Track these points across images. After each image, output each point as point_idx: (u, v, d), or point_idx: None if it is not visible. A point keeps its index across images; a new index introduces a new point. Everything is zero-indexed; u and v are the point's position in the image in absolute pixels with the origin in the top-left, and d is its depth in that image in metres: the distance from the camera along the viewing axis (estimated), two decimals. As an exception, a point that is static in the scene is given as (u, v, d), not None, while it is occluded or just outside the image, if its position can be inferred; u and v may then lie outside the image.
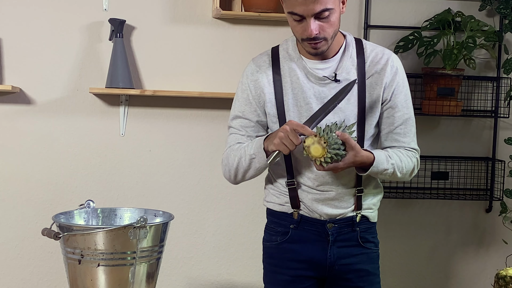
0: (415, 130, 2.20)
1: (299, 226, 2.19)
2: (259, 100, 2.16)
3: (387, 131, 2.17)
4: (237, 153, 2.15)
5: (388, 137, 2.17)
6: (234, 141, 2.20)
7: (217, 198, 3.29)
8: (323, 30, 2.01)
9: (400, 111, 2.14)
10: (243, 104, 2.19)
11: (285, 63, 2.15)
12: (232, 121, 2.21)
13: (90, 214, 2.39)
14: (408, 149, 2.17)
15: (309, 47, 2.05)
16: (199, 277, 3.31)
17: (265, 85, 2.15)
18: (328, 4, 1.97)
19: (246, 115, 2.18)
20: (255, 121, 2.18)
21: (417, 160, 2.19)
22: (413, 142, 2.19)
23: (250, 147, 2.12)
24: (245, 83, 2.19)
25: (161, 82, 3.19)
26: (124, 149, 3.20)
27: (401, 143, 2.16)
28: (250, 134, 2.19)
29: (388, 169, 2.09)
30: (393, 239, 3.42)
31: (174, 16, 3.18)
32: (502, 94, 3.38)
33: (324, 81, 2.11)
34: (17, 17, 3.08)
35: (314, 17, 1.98)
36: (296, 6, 1.98)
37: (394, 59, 2.15)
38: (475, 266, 3.51)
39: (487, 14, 3.38)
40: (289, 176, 2.17)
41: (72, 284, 2.18)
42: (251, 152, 2.10)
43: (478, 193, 3.44)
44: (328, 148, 1.94)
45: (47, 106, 3.13)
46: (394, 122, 2.15)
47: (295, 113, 2.12)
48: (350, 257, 2.19)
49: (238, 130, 2.19)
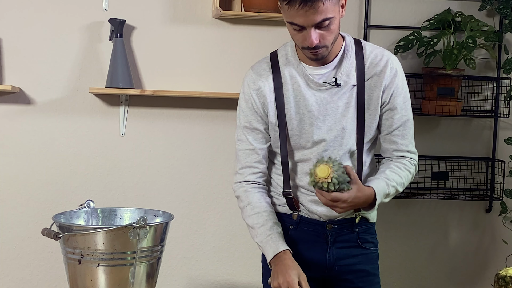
0: (413, 132, 2.19)
1: (298, 227, 2.19)
2: (263, 108, 2.14)
3: (385, 133, 2.16)
4: (252, 220, 2.13)
5: (386, 139, 2.17)
6: (245, 158, 2.18)
7: (217, 198, 3.29)
8: (324, 38, 2.00)
9: (399, 113, 2.13)
10: (248, 114, 2.16)
11: (285, 70, 2.13)
12: (240, 134, 2.19)
13: (90, 214, 2.39)
14: (406, 154, 2.16)
15: (310, 54, 2.04)
16: (199, 277, 3.32)
17: (267, 93, 2.13)
18: (328, 13, 1.94)
19: (253, 125, 2.16)
20: (263, 129, 2.16)
21: (415, 165, 2.19)
22: (411, 144, 2.18)
23: (260, 239, 2.10)
24: (247, 92, 2.16)
25: (161, 82, 3.19)
26: (124, 149, 3.20)
27: (399, 145, 2.16)
28: (260, 146, 2.17)
29: (390, 192, 2.09)
30: (393, 239, 3.42)
31: (174, 16, 3.18)
32: (502, 94, 3.38)
33: (324, 87, 2.10)
34: (17, 17, 3.08)
35: (314, 27, 1.96)
36: (296, 17, 1.95)
37: (394, 61, 2.14)
38: (475, 266, 3.51)
39: (487, 14, 3.38)
40: (285, 186, 2.16)
41: (72, 284, 2.18)
42: (257, 241, 2.11)
43: (478, 193, 3.44)
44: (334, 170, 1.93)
45: (47, 106, 3.13)
46: (392, 124, 2.14)
47: (297, 121, 2.11)
48: (349, 257, 2.19)
49: (248, 144, 2.17)
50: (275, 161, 2.21)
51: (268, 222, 2.11)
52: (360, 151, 2.13)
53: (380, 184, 2.07)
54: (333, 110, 2.10)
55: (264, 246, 2.09)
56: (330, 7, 1.94)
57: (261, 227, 2.11)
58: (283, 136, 2.13)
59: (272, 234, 2.09)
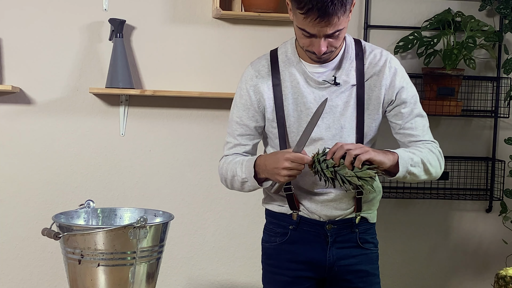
0: (428, 125, 2.17)
1: (298, 227, 2.19)
2: (258, 105, 2.16)
3: (398, 128, 2.15)
4: (231, 168, 2.15)
5: (400, 133, 2.15)
6: (228, 148, 2.21)
7: (217, 198, 3.29)
8: (331, 45, 2.02)
9: (407, 107, 2.13)
10: (241, 109, 2.18)
11: (285, 67, 2.14)
12: (230, 128, 2.21)
13: (90, 214, 2.39)
14: (424, 142, 2.13)
15: (314, 57, 2.06)
16: (199, 277, 3.32)
17: (264, 90, 2.14)
18: (341, 25, 1.97)
19: (243, 121, 2.18)
20: (252, 127, 2.18)
21: (439, 151, 2.14)
22: (427, 135, 2.15)
23: (242, 170, 2.11)
24: (244, 88, 2.18)
25: (161, 82, 3.19)
26: (124, 149, 3.20)
27: (414, 136, 2.13)
28: (246, 142, 2.19)
29: (414, 159, 2.02)
30: (393, 239, 3.42)
31: (174, 16, 3.18)
32: (502, 94, 3.38)
33: (324, 85, 2.11)
34: (17, 17, 3.08)
35: (325, 37, 1.98)
36: (309, 27, 1.96)
37: (392, 60, 2.15)
38: (475, 266, 3.51)
39: (487, 14, 3.38)
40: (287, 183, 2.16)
41: (72, 284, 2.18)
42: (242, 176, 2.11)
43: (478, 193, 3.44)
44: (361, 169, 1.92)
45: (47, 106, 3.13)
46: (402, 117, 2.13)
47: (295, 118, 2.12)
48: (349, 258, 2.19)
49: (234, 138, 2.20)
50: None
51: (244, 158, 2.14)
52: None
53: (400, 151, 2.02)
54: (331, 109, 2.10)
55: (244, 168, 2.09)
56: (343, 20, 1.96)
57: (238, 163, 2.12)
58: (282, 132, 2.14)
59: (249, 158, 2.12)
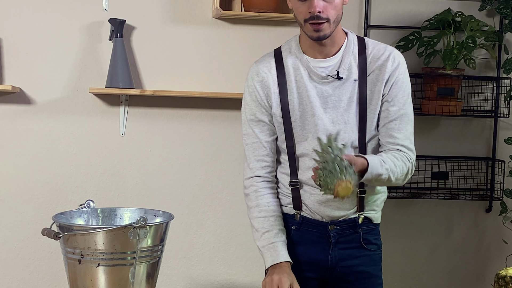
0: (412, 129, 2.14)
1: (300, 227, 2.19)
2: (267, 99, 2.15)
3: (382, 124, 2.12)
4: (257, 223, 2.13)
5: (382, 131, 2.13)
6: (252, 152, 2.17)
7: (217, 198, 3.29)
8: (327, 10, 2.02)
9: (396, 106, 2.10)
10: (253, 106, 2.16)
11: (289, 61, 2.14)
12: (246, 128, 2.19)
13: (90, 214, 2.39)
14: (402, 149, 2.10)
15: (312, 30, 2.04)
16: (199, 277, 3.31)
17: (270, 84, 2.14)
18: None
19: (258, 117, 2.16)
20: (268, 121, 2.16)
21: (412, 163, 2.11)
22: (408, 140, 2.12)
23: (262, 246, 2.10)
24: (251, 85, 2.17)
25: (161, 82, 3.19)
26: (124, 149, 3.20)
27: (395, 138, 2.10)
28: (266, 139, 2.16)
29: (383, 174, 2.01)
30: (393, 239, 3.41)
31: (174, 16, 3.18)
32: (502, 94, 3.38)
33: (326, 79, 2.11)
34: (17, 17, 3.08)
35: None
36: None
37: (396, 54, 2.13)
38: (475, 266, 3.51)
39: (487, 14, 3.38)
40: (292, 176, 2.16)
41: (72, 284, 2.18)
42: (260, 246, 2.12)
43: (478, 193, 3.44)
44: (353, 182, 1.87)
45: (47, 106, 3.13)
46: (388, 115, 2.10)
47: (300, 112, 2.12)
48: (352, 259, 2.18)
49: (254, 137, 2.16)
50: (280, 159, 2.20)
51: (274, 229, 2.11)
52: (363, 148, 2.11)
53: (374, 160, 2.00)
54: (334, 104, 2.10)
55: (264, 253, 2.09)
56: None
57: (266, 232, 2.11)
58: (288, 126, 2.13)
59: (276, 242, 2.09)
